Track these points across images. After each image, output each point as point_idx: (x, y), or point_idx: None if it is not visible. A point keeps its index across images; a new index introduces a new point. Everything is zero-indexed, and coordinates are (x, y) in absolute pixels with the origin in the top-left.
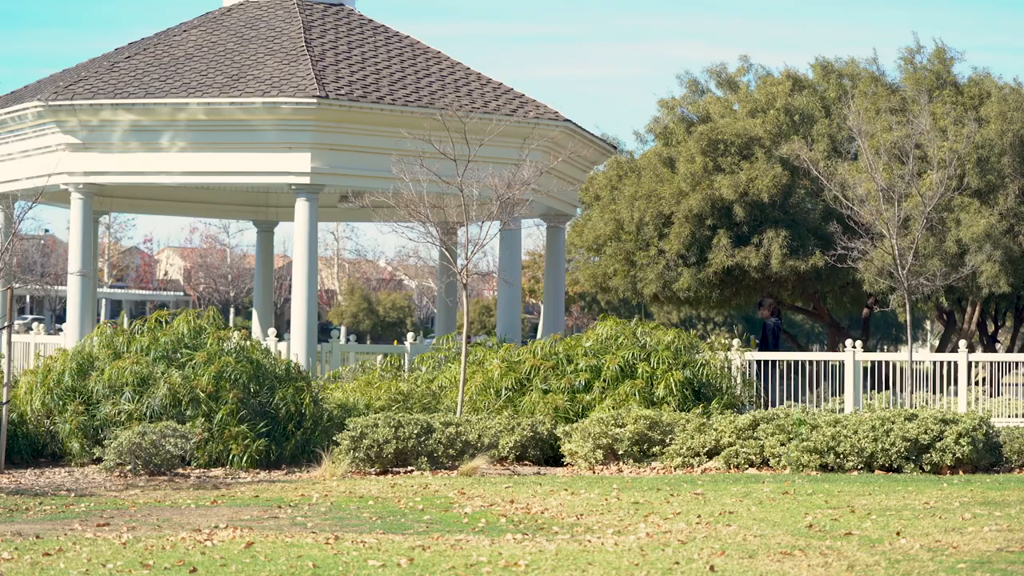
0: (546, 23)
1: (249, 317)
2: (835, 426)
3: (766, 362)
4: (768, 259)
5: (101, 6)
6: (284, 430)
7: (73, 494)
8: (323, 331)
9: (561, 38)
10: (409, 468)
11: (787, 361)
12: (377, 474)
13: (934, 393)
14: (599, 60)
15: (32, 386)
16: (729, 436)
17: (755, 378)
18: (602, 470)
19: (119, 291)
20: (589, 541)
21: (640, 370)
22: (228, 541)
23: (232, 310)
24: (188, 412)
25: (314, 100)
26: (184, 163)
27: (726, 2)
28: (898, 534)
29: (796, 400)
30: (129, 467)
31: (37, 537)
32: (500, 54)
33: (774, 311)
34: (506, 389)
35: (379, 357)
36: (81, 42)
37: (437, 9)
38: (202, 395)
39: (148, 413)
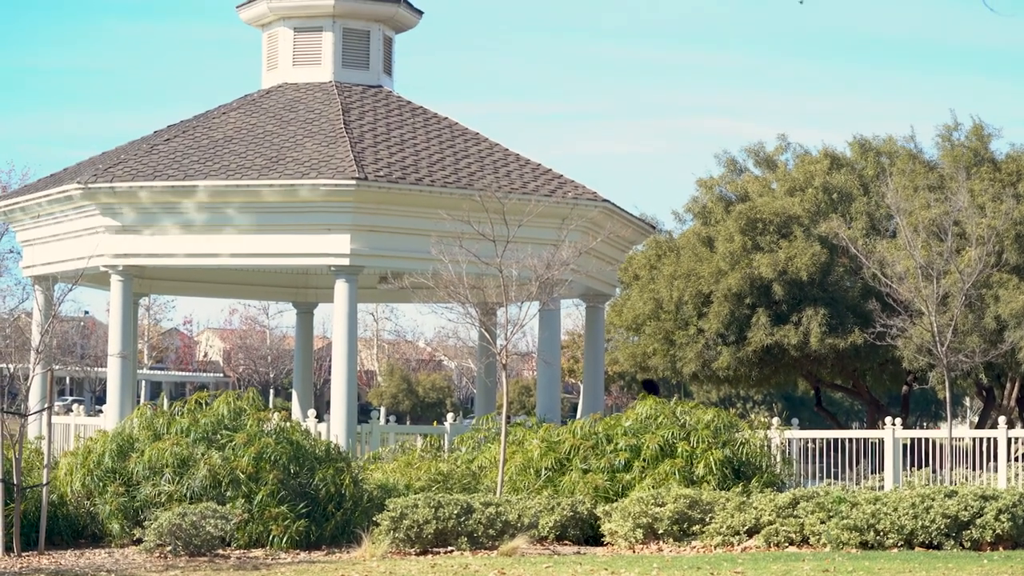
0: (580, 101)
1: (289, 398)
2: (875, 503)
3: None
4: (807, 337)
5: (139, 87)
6: (324, 511)
7: (113, 575)
8: (363, 412)
9: (595, 116)
10: (449, 548)
11: (827, 439)
12: (417, 554)
13: (974, 469)
14: (635, 137)
15: (72, 467)
16: (769, 514)
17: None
18: (642, 549)
19: (159, 372)
20: None
21: (680, 449)
22: None
23: (272, 391)
24: (228, 493)
25: (353, 182)
26: (223, 245)
27: (761, 79)
28: None
29: (836, 478)
30: (169, 548)
31: None
32: (535, 132)
33: (653, 391)
34: (546, 469)
35: (419, 437)
36: (120, 124)
37: (470, 89)
38: (242, 476)
39: (188, 494)
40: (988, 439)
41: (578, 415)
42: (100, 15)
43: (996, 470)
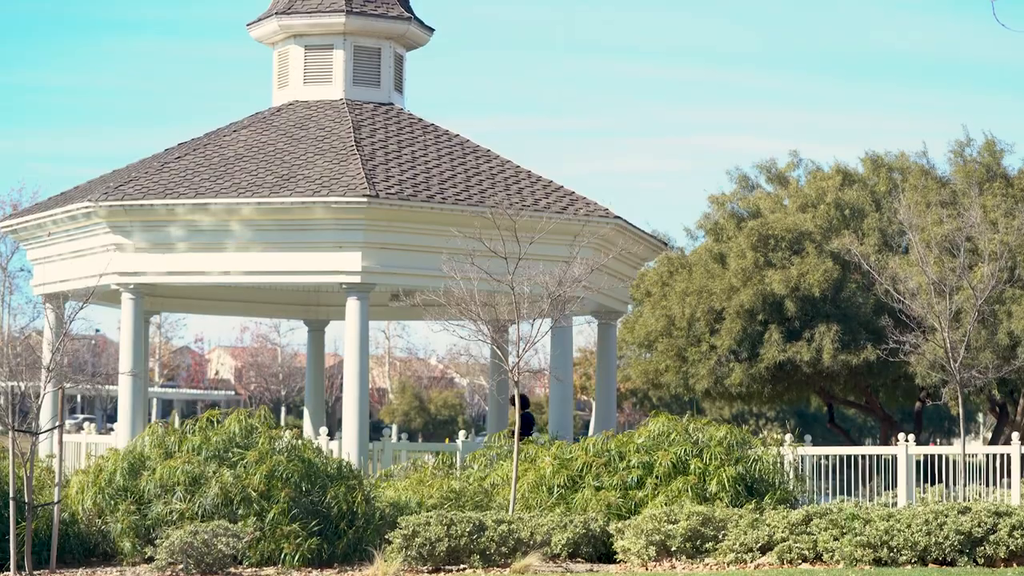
0: (592, 118)
1: (301, 416)
2: (888, 520)
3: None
4: (820, 353)
5: (150, 105)
6: (336, 528)
7: None
8: (375, 429)
9: (607, 133)
10: (462, 566)
11: (840, 455)
12: (429, 572)
13: (987, 486)
14: (646, 154)
15: (83, 486)
16: (782, 531)
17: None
18: (655, 567)
19: (170, 391)
20: None
21: (692, 466)
22: None
23: (283, 409)
24: (240, 511)
25: (364, 199)
26: (235, 263)
27: (773, 94)
28: None
29: (849, 494)
30: (181, 566)
31: None
32: (546, 149)
33: (523, 404)
34: (558, 486)
35: (431, 455)
36: (130, 141)
37: (481, 106)
38: (254, 494)
39: (200, 512)
40: (1001, 455)
41: (590, 432)
42: (109, 33)
43: (1010, 486)
